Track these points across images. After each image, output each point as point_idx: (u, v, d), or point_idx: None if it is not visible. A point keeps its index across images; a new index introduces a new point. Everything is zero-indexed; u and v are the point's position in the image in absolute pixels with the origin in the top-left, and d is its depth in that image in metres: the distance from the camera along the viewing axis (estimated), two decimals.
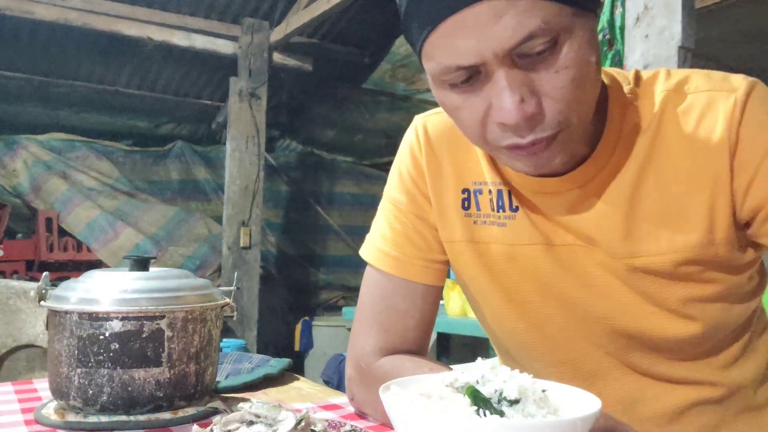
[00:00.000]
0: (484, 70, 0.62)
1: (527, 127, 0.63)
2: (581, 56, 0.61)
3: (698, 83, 0.73)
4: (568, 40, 0.60)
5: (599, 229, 0.75)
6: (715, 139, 0.70)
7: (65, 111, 5.23)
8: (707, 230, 0.71)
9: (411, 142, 0.88)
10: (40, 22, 4.23)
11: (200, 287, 0.85)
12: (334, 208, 6.13)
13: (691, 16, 1.94)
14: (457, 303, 2.92)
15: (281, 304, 5.52)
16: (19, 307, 1.63)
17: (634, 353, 0.80)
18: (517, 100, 0.61)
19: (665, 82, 0.75)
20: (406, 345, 0.86)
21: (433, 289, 0.88)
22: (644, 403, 0.82)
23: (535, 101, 0.62)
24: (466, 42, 0.60)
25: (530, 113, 0.61)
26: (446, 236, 0.86)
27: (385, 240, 0.88)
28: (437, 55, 0.63)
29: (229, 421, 0.66)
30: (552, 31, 0.59)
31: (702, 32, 2.20)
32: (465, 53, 0.60)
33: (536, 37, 0.59)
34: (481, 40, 0.59)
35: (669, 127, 0.72)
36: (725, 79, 0.73)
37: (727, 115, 0.69)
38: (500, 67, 0.60)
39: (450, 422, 0.52)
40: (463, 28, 0.59)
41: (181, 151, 5.62)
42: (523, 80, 0.61)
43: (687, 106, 0.72)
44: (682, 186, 0.72)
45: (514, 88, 0.61)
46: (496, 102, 0.62)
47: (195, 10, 4.63)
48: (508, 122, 0.62)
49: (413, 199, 0.87)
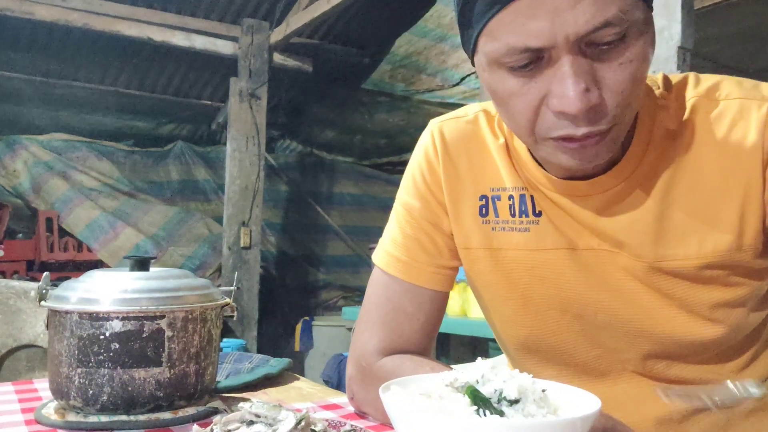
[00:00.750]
0: (548, 55, 0.61)
1: (586, 119, 0.62)
2: (645, 52, 0.62)
3: (730, 90, 0.73)
4: (636, 34, 0.61)
5: (628, 232, 0.74)
6: (747, 146, 0.69)
7: (66, 111, 5.23)
8: (737, 236, 0.71)
9: (427, 147, 0.87)
10: (41, 22, 4.23)
11: (200, 287, 0.85)
12: (333, 208, 6.13)
13: (690, 16, 1.94)
14: (457, 303, 2.92)
15: (281, 304, 5.52)
16: (19, 307, 1.63)
17: (650, 357, 0.79)
18: (582, 89, 0.60)
19: (695, 88, 0.74)
20: (410, 346, 0.86)
21: (441, 294, 0.87)
22: (653, 404, 0.81)
23: (599, 93, 0.61)
24: (540, 23, 0.58)
25: (593, 103, 0.60)
26: (462, 243, 0.85)
27: (396, 244, 0.87)
28: (504, 34, 0.61)
29: (229, 421, 0.67)
30: (626, 22, 0.59)
31: (701, 32, 2.21)
32: (537, 34, 0.59)
33: (611, 26, 0.58)
34: (556, 22, 0.58)
35: (700, 132, 0.72)
36: (756, 87, 0.73)
37: (760, 125, 0.69)
38: (567, 54, 0.60)
39: (450, 422, 0.52)
40: (540, 7, 0.58)
41: (182, 152, 5.62)
42: (588, 69, 0.60)
43: (719, 113, 0.72)
44: (713, 192, 0.71)
45: (579, 77, 0.60)
46: (558, 89, 0.61)
47: (195, 11, 4.63)
48: (570, 111, 0.61)
49: (427, 204, 0.86)
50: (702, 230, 0.72)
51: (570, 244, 0.77)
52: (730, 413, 0.82)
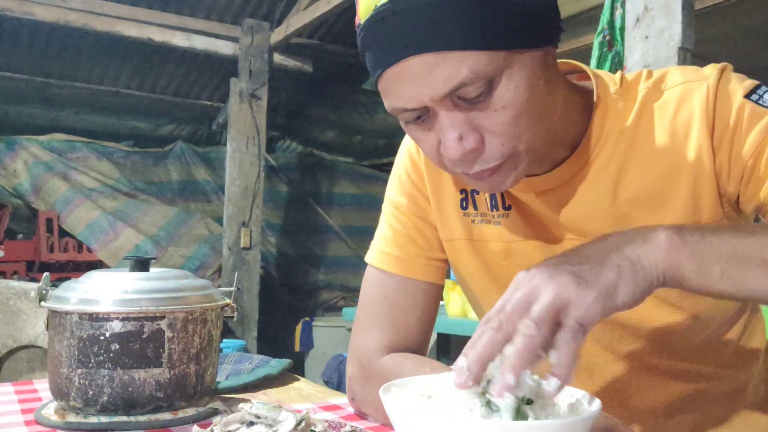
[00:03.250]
0: (431, 111, 0.66)
1: (470, 161, 0.67)
2: (520, 94, 0.64)
3: (674, 79, 0.77)
4: (504, 82, 0.64)
5: (589, 220, 0.78)
6: (693, 124, 0.74)
7: (66, 112, 5.23)
8: (692, 210, 0.75)
9: (410, 146, 0.91)
10: (41, 23, 4.24)
11: (200, 288, 0.85)
12: (333, 208, 6.13)
13: (690, 16, 1.94)
14: (458, 303, 2.92)
15: (281, 304, 5.52)
16: (19, 307, 1.63)
17: (629, 345, 0.82)
18: (456, 137, 0.65)
19: (645, 81, 0.79)
20: (408, 342, 0.87)
21: (434, 287, 0.89)
22: (640, 396, 0.83)
23: (476, 137, 0.66)
24: (407, 88, 0.65)
25: (469, 149, 0.66)
26: (446, 235, 0.88)
27: (387, 241, 0.90)
28: (387, 96, 0.68)
29: (230, 422, 0.67)
30: (483, 78, 0.62)
31: (701, 33, 2.21)
32: (408, 99, 0.65)
33: (468, 85, 0.62)
34: (419, 88, 0.64)
35: (649, 122, 0.76)
36: (697, 70, 0.77)
37: (702, 101, 0.73)
38: (441, 109, 0.65)
39: (450, 423, 0.52)
40: (403, 77, 0.64)
41: (182, 152, 5.62)
42: (463, 119, 0.65)
43: (664, 101, 0.76)
44: (663, 174, 0.75)
45: (454, 127, 0.65)
46: (442, 139, 0.67)
47: (195, 11, 4.64)
48: (450, 157, 0.67)
49: (414, 200, 0.89)
50: (657, 208, 0.76)
51: (539, 235, 0.81)
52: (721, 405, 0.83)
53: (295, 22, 4.38)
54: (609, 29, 2.32)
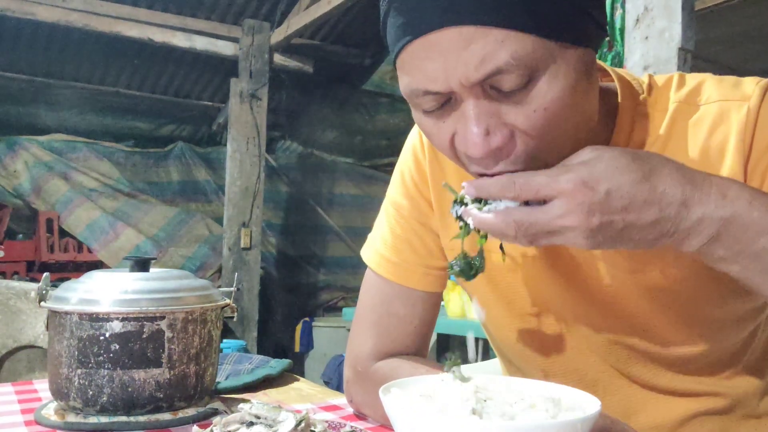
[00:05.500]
0: (454, 97, 0.59)
1: (492, 160, 0.59)
2: (562, 96, 0.57)
3: (710, 93, 0.71)
4: (546, 78, 0.56)
5: None
6: (727, 149, 0.67)
7: (66, 112, 5.23)
8: None
9: (414, 145, 0.86)
10: (42, 23, 4.24)
11: (200, 288, 0.85)
12: (334, 209, 6.13)
13: (690, 17, 1.94)
14: (457, 304, 2.92)
15: (281, 305, 5.52)
16: (19, 307, 1.63)
17: (635, 365, 0.79)
18: (482, 131, 0.57)
19: (677, 92, 0.72)
20: (404, 349, 0.86)
21: (433, 295, 0.87)
22: (646, 413, 0.81)
23: (504, 133, 0.58)
24: (434, 65, 0.57)
25: (496, 146, 0.58)
26: (448, 244, 0.84)
27: (386, 245, 0.87)
28: (407, 73, 0.60)
29: (229, 422, 0.67)
30: (525, 67, 0.55)
31: (702, 34, 2.21)
32: (433, 77, 0.57)
33: (505, 73, 0.55)
34: (448, 67, 0.56)
35: (680, 140, 0.70)
36: (737, 86, 0.70)
37: (740, 124, 0.67)
38: (469, 97, 0.57)
39: (450, 423, 0.52)
40: (432, 51, 0.56)
41: (182, 152, 5.62)
42: (492, 111, 0.57)
43: (698, 118, 0.70)
44: None
45: (481, 120, 0.57)
46: (462, 131, 0.59)
47: (196, 12, 4.64)
48: (472, 154, 0.59)
49: (415, 204, 0.86)
50: None
51: (546, 249, 0.77)
52: (725, 421, 0.81)
53: (296, 23, 4.38)
54: (609, 29, 2.32)
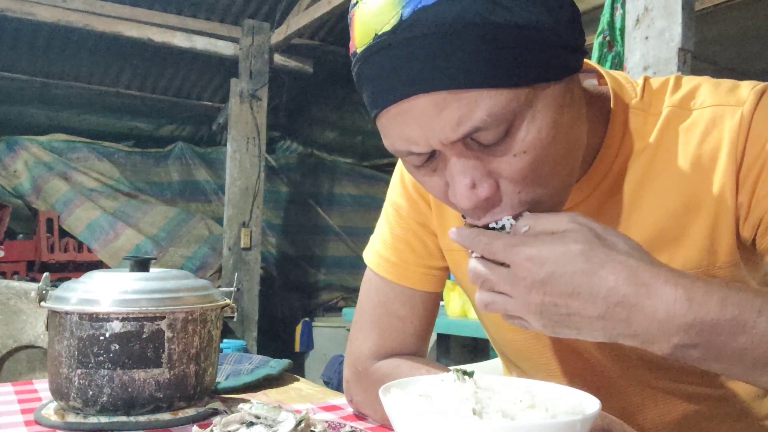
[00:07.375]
0: (438, 153, 0.59)
1: (481, 210, 0.59)
2: (544, 136, 0.56)
3: (704, 98, 0.69)
4: (525, 124, 0.55)
5: None
6: (719, 157, 0.66)
7: (66, 112, 5.24)
8: (707, 251, 0.68)
9: None
10: (41, 23, 4.24)
11: (200, 288, 0.85)
12: (334, 209, 6.13)
13: (690, 18, 1.94)
14: (457, 304, 2.92)
15: (281, 304, 5.52)
16: (19, 307, 1.63)
17: (635, 365, 0.79)
18: (469, 184, 0.57)
19: (671, 96, 0.71)
20: (404, 349, 0.86)
21: (432, 295, 0.88)
22: (646, 413, 0.81)
23: (491, 183, 0.57)
24: (412, 130, 0.56)
25: (482, 197, 0.57)
26: (446, 245, 0.85)
27: (386, 245, 0.88)
28: (388, 136, 0.60)
29: (229, 422, 0.67)
30: (503, 121, 0.54)
31: (702, 34, 2.21)
32: (413, 141, 0.57)
33: (483, 130, 0.54)
34: (426, 131, 0.55)
35: (672, 145, 0.69)
36: (732, 90, 0.68)
37: (733, 131, 0.65)
38: (451, 154, 0.57)
39: (450, 423, 0.52)
40: (407, 117, 0.56)
41: (182, 152, 5.62)
42: (475, 164, 0.57)
43: (691, 123, 0.68)
44: (681, 207, 0.68)
45: (466, 173, 0.57)
46: (451, 184, 0.59)
47: (196, 12, 4.64)
48: (460, 206, 0.59)
49: (414, 205, 0.86)
50: (669, 246, 0.69)
51: None
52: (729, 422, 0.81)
53: (296, 23, 4.38)
54: (609, 30, 2.32)
